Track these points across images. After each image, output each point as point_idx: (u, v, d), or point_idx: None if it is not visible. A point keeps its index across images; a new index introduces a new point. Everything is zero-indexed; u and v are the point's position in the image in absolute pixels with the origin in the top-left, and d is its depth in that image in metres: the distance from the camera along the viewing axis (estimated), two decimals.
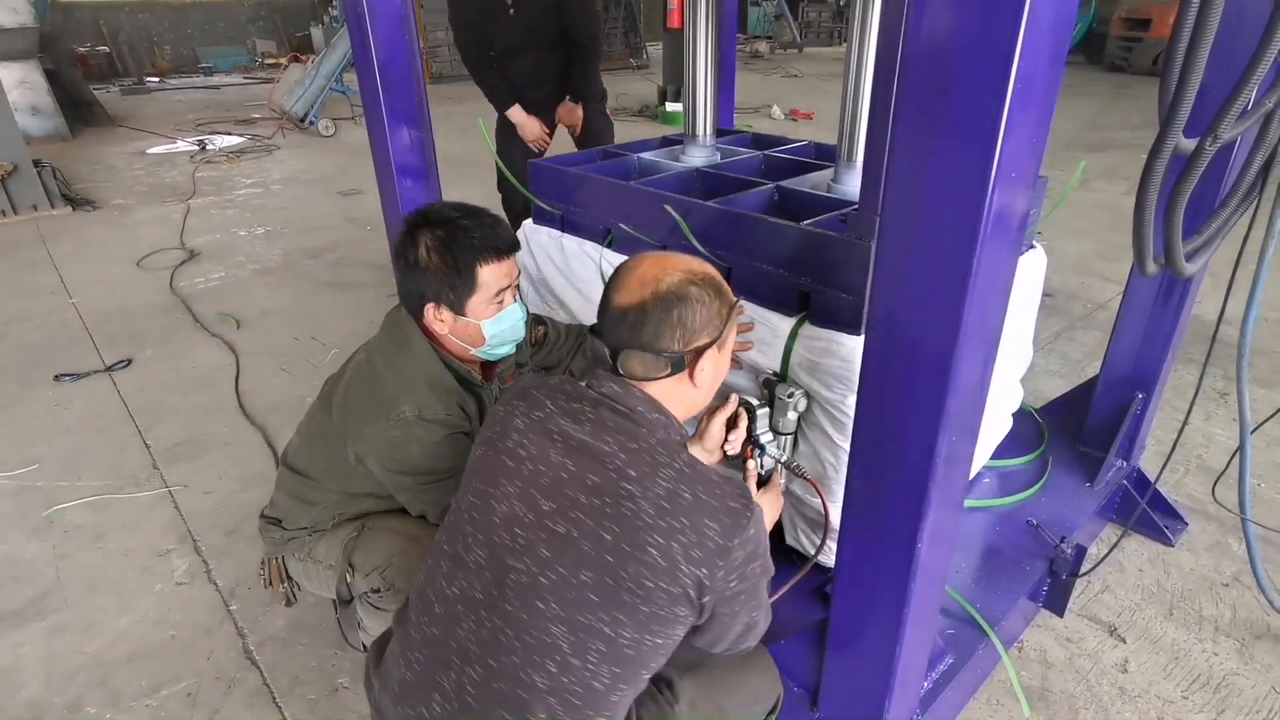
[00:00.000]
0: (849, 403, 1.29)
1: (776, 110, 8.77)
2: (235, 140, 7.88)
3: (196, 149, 7.44)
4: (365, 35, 1.67)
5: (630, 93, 10.36)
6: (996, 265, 0.84)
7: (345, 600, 1.54)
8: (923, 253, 0.84)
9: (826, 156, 2.00)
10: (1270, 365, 2.98)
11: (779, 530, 1.60)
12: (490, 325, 1.39)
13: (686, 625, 0.95)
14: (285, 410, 2.80)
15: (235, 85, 12.51)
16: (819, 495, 1.40)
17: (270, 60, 14.19)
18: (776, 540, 1.60)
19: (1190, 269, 1.13)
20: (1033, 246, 1.62)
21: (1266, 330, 3.24)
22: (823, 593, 1.50)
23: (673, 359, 1.00)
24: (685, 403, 1.05)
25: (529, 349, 1.67)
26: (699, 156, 2.04)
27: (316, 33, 13.89)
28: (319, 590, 1.63)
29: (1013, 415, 1.89)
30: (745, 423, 1.34)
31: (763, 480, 1.37)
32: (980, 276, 0.81)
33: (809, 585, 1.52)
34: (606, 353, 1.02)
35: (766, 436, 1.37)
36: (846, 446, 1.29)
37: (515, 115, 3.21)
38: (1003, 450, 1.94)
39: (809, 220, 1.42)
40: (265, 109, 9.06)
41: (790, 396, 1.35)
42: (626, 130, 3.55)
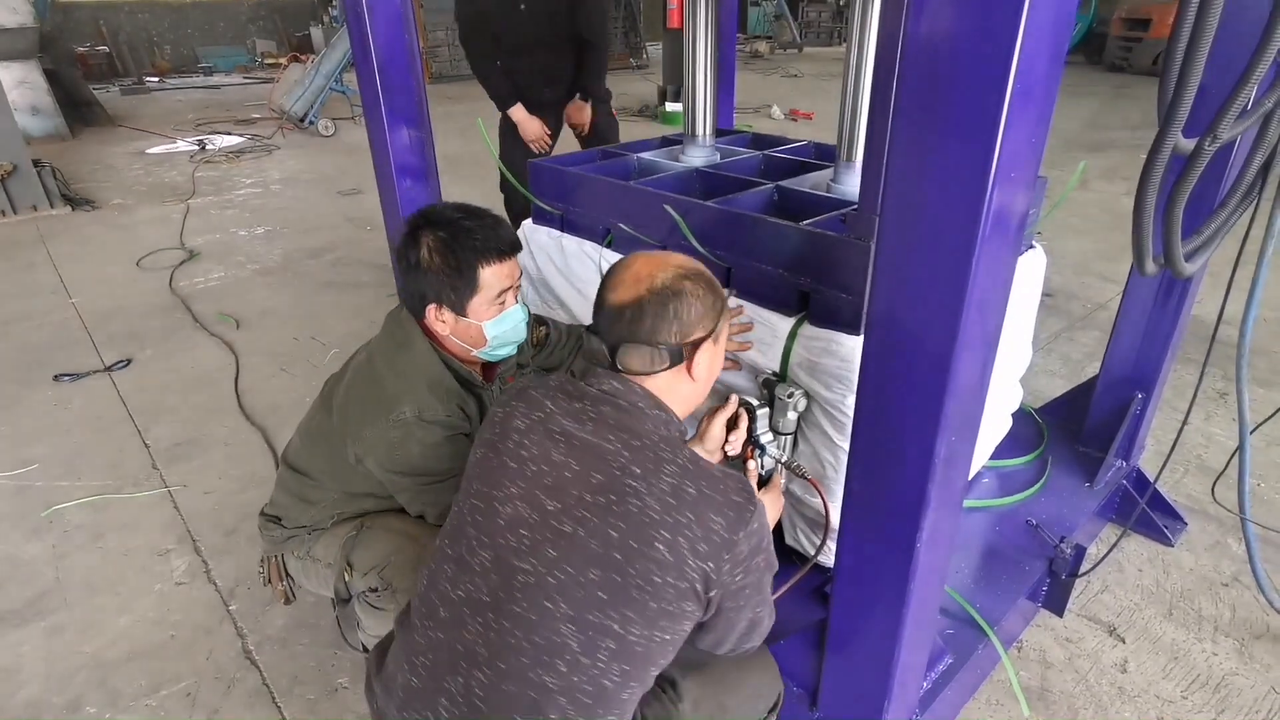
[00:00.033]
0: (848, 403, 1.29)
1: (776, 110, 8.77)
2: (235, 140, 7.88)
3: (196, 149, 7.44)
4: (365, 35, 1.67)
5: (630, 93, 10.35)
6: (996, 265, 0.84)
7: (343, 599, 1.54)
8: (922, 253, 0.84)
9: (826, 156, 2.00)
10: (1270, 365, 2.98)
11: (779, 530, 1.60)
12: (492, 326, 1.39)
13: (693, 621, 0.95)
14: (285, 410, 2.80)
15: (235, 85, 12.52)
16: (819, 495, 1.41)
17: (270, 60, 14.19)
18: (777, 540, 1.60)
19: (1189, 269, 1.13)
20: (1032, 246, 1.62)
21: (1266, 330, 3.24)
22: (822, 593, 1.50)
23: (671, 351, 1.02)
24: (684, 398, 1.07)
25: (530, 350, 1.67)
26: (699, 156, 2.04)
27: (316, 33, 13.90)
28: (317, 589, 1.63)
29: (1012, 415, 1.89)
30: (745, 423, 1.35)
31: (763, 480, 1.37)
32: (979, 276, 0.81)
33: (808, 585, 1.52)
34: (605, 350, 1.03)
35: (766, 436, 1.38)
36: (846, 446, 1.29)
37: (516, 114, 3.20)
38: (1002, 450, 1.94)
39: (808, 220, 1.42)
40: (265, 109, 9.07)
41: (790, 396, 1.35)
42: (626, 130, 3.55)
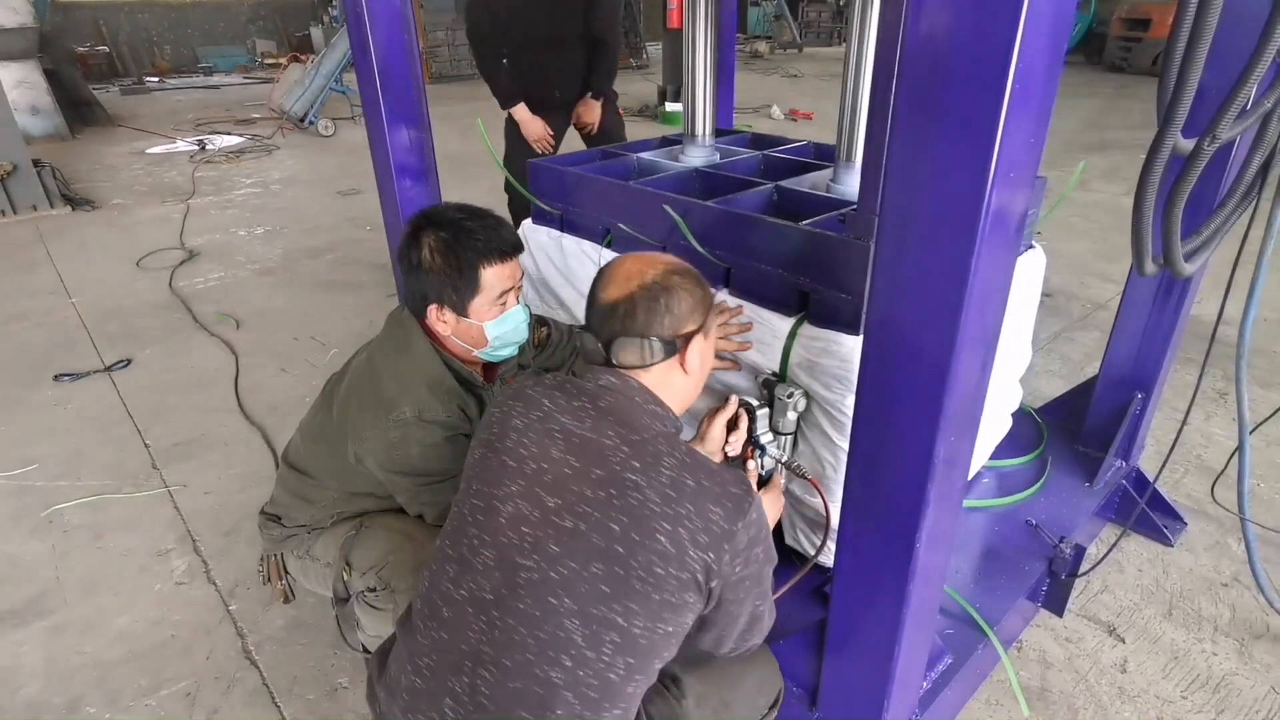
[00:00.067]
0: (848, 403, 1.29)
1: (776, 110, 8.77)
2: (235, 140, 7.88)
3: (196, 149, 7.44)
4: (365, 35, 1.67)
5: (630, 93, 10.34)
6: (995, 265, 0.84)
7: (342, 599, 1.54)
8: (921, 253, 0.84)
9: (825, 156, 2.00)
10: (1269, 365, 2.98)
11: (779, 530, 1.60)
12: (493, 327, 1.39)
13: (695, 612, 0.96)
14: (285, 410, 2.80)
15: (235, 85, 12.51)
16: (819, 495, 1.41)
17: (270, 60, 14.20)
18: (777, 540, 1.59)
19: (1189, 269, 1.13)
20: (1031, 246, 1.62)
21: (1266, 330, 3.23)
22: (822, 593, 1.50)
23: (664, 344, 1.05)
24: (678, 392, 1.10)
25: (532, 350, 1.67)
26: (698, 156, 2.04)
27: (316, 33, 13.90)
28: (316, 588, 1.63)
29: (1012, 415, 1.89)
30: (745, 423, 1.35)
31: (763, 480, 1.37)
32: (979, 276, 0.81)
33: (808, 585, 1.52)
34: (599, 346, 1.07)
35: (766, 437, 1.38)
36: (846, 446, 1.29)
37: (519, 113, 3.17)
38: (1002, 450, 1.94)
39: (808, 220, 1.42)
40: (265, 109, 9.07)
41: (790, 397, 1.35)
42: (627, 130, 3.55)
